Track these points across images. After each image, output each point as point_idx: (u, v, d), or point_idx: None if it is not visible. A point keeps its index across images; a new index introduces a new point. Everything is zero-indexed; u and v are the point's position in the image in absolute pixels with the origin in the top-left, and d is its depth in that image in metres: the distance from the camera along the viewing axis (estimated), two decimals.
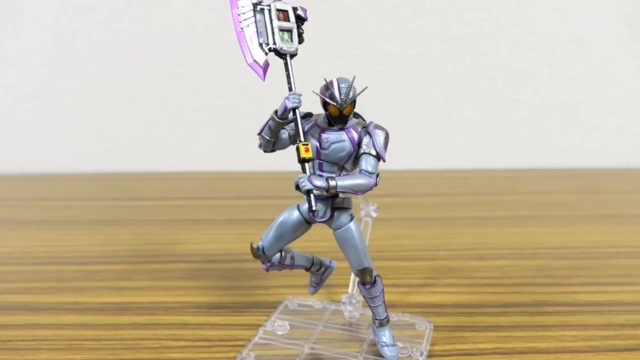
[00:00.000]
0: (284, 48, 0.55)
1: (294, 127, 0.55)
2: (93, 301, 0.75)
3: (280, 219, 0.59)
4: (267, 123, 0.56)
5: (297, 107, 0.54)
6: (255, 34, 0.56)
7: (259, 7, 0.56)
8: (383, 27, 1.33)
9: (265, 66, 0.55)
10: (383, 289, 0.61)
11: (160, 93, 1.37)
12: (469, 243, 0.95)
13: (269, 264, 0.61)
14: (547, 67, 1.37)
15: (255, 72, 0.55)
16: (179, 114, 1.39)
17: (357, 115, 0.58)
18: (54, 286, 0.80)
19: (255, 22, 0.56)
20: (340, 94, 0.54)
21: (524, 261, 0.88)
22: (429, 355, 0.63)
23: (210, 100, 1.38)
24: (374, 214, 0.71)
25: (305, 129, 0.56)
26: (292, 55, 0.56)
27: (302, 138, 0.54)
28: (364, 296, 0.61)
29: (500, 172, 1.40)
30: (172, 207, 1.15)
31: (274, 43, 0.55)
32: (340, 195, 0.56)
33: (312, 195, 0.53)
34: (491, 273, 0.84)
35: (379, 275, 0.60)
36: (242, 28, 0.55)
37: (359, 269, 0.58)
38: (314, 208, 0.53)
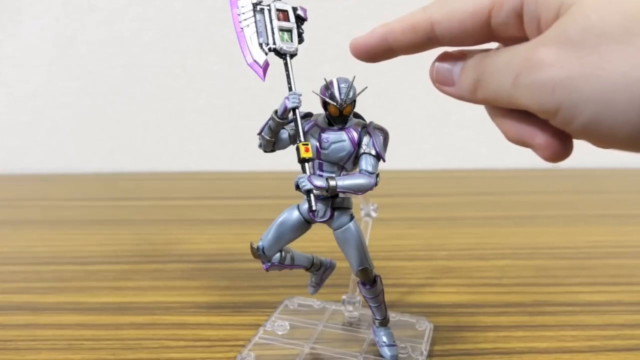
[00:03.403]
0: (284, 48, 0.55)
1: (294, 127, 0.55)
2: (93, 301, 0.75)
3: (280, 219, 0.59)
4: (267, 123, 0.56)
5: (297, 107, 0.54)
6: (255, 34, 0.55)
7: (259, 7, 0.56)
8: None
9: (265, 66, 0.55)
10: (383, 289, 0.61)
11: (160, 93, 1.37)
12: (469, 243, 0.95)
13: (269, 264, 0.61)
14: None
15: (255, 72, 0.55)
16: (179, 114, 1.39)
17: (357, 115, 0.58)
18: (54, 286, 0.80)
19: (255, 22, 0.56)
20: (340, 93, 0.54)
21: (524, 261, 0.88)
22: (429, 355, 0.63)
23: (210, 100, 1.38)
24: (374, 214, 0.71)
25: (305, 129, 0.56)
26: (292, 55, 0.56)
27: (302, 138, 0.54)
28: (364, 296, 0.61)
29: (500, 172, 1.40)
30: (172, 207, 1.15)
31: (274, 43, 0.55)
32: (340, 195, 0.56)
33: (312, 195, 0.52)
34: (491, 273, 0.84)
35: (379, 275, 0.60)
36: (242, 28, 0.55)
37: (359, 269, 0.58)
38: (314, 208, 0.53)
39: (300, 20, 0.58)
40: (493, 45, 0.41)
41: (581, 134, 0.35)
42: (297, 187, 0.53)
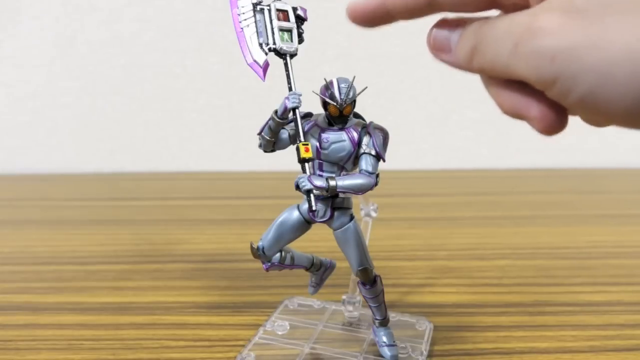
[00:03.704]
0: (284, 48, 0.55)
1: (294, 127, 0.55)
2: (93, 301, 0.75)
3: (280, 219, 0.59)
4: (267, 123, 0.56)
5: (297, 107, 0.54)
6: (255, 34, 0.55)
7: (259, 7, 0.56)
8: (383, 27, 1.33)
9: (265, 66, 0.55)
10: (383, 289, 0.61)
11: (160, 93, 1.37)
12: (469, 243, 0.95)
13: (269, 264, 0.61)
14: None
15: (255, 72, 0.55)
16: (179, 114, 1.39)
17: (357, 115, 0.58)
18: (54, 286, 0.80)
19: (255, 22, 0.56)
20: (340, 93, 0.54)
21: (524, 261, 0.88)
22: (429, 355, 0.63)
23: (210, 100, 1.38)
24: (374, 214, 0.71)
25: (305, 129, 0.56)
26: (292, 55, 0.56)
27: (302, 138, 0.54)
28: (364, 296, 0.61)
29: (500, 172, 1.40)
30: (172, 207, 1.15)
31: (274, 43, 0.55)
32: (340, 195, 0.56)
33: (312, 195, 0.52)
34: (491, 273, 0.84)
35: (378, 275, 0.60)
36: (242, 28, 0.55)
37: (359, 269, 0.58)
38: (314, 208, 0.53)
39: (300, 20, 0.58)
40: (494, 13, 0.40)
41: (577, 107, 0.34)
42: (297, 187, 0.53)
